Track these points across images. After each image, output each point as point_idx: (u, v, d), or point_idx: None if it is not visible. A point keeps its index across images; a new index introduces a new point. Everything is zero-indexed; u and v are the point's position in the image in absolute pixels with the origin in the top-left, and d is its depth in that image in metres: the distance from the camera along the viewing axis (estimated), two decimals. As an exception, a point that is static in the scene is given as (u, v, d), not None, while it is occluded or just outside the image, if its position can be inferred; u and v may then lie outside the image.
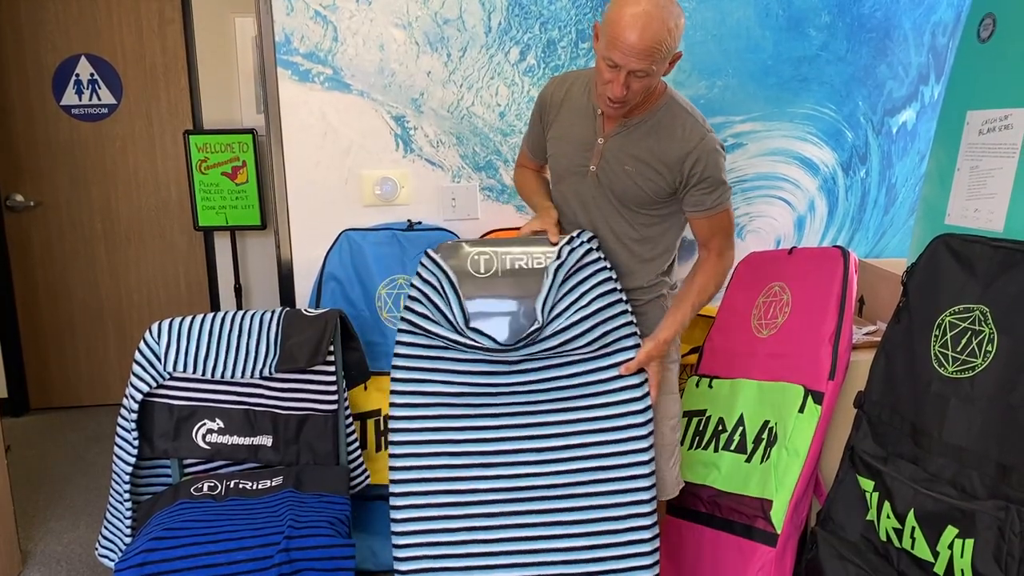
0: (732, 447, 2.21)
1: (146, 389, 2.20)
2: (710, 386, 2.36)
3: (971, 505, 1.64)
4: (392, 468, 1.90)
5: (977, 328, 1.73)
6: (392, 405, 1.92)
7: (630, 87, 1.76)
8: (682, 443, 2.35)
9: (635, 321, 1.92)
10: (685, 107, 1.93)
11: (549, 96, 2.04)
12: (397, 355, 1.93)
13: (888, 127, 2.82)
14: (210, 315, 2.27)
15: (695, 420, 2.36)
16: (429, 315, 1.90)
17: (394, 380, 1.92)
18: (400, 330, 1.94)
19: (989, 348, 1.69)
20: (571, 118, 1.99)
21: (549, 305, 1.86)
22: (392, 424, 1.91)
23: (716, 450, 2.25)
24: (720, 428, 2.27)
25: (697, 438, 2.32)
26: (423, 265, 1.94)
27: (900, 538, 1.79)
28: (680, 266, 2.82)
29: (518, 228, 2.15)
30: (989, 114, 1.91)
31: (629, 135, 1.91)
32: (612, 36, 1.72)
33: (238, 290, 3.97)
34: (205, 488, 2.14)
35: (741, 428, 2.22)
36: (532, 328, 1.85)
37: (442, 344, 1.90)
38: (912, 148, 2.86)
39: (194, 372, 2.21)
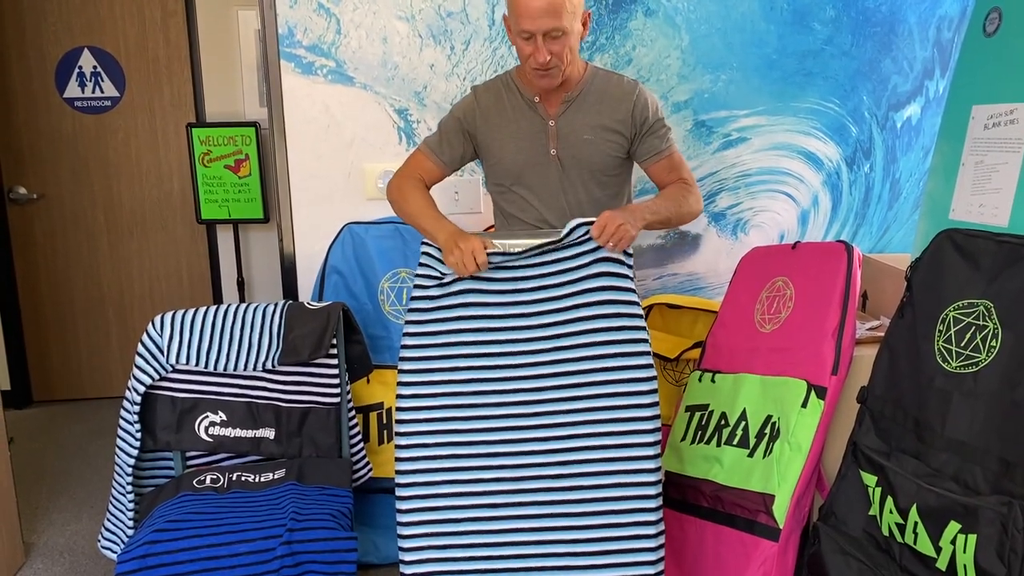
0: (734, 442, 2.21)
1: (149, 382, 2.20)
2: (713, 380, 2.35)
3: (974, 500, 1.63)
4: (399, 459, 1.90)
5: (981, 323, 1.72)
6: (399, 396, 1.92)
7: (552, 51, 1.88)
8: (684, 437, 2.35)
9: (639, 310, 1.92)
10: (611, 71, 2.13)
11: (474, 106, 2.10)
12: (405, 347, 1.93)
13: (892, 122, 2.81)
14: (213, 308, 2.27)
15: (697, 415, 2.35)
16: (434, 287, 1.93)
17: (401, 372, 1.92)
18: (407, 321, 1.94)
19: (993, 343, 1.68)
20: (510, 118, 2.06)
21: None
22: (398, 416, 1.91)
23: (718, 444, 2.24)
24: (722, 423, 2.27)
25: (699, 432, 2.32)
26: (426, 254, 1.96)
27: (902, 533, 1.79)
28: (677, 262, 2.84)
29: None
30: (994, 109, 1.91)
31: (575, 108, 2.03)
32: (516, 8, 1.87)
33: (241, 283, 3.97)
34: (208, 480, 2.14)
35: (744, 423, 2.21)
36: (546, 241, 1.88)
37: (449, 334, 1.90)
38: (916, 143, 2.85)
39: (197, 365, 2.21)
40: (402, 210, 2.07)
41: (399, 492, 1.90)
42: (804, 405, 2.08)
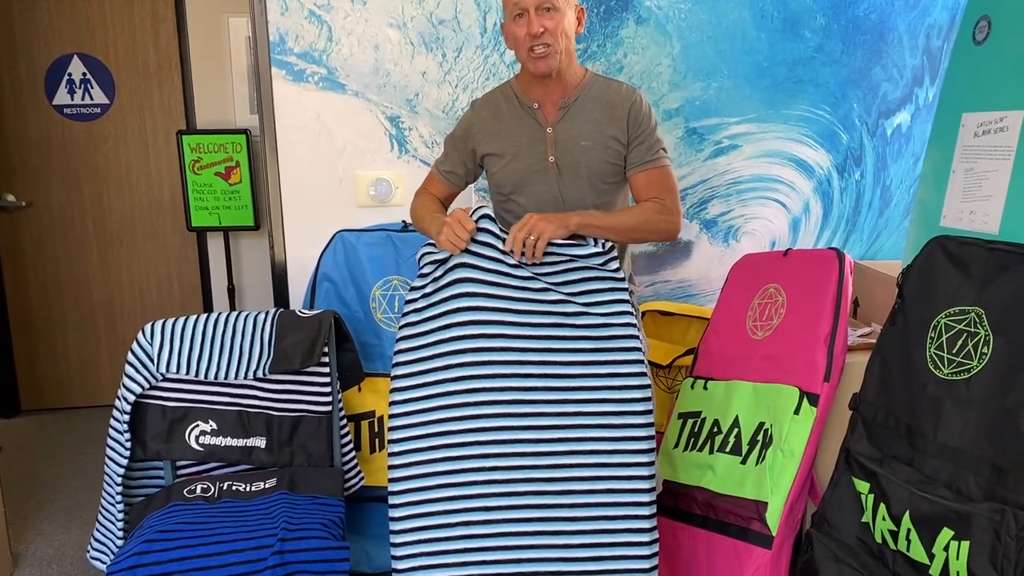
0: (727, 449, 2.21)
1: (139, 391, 2.18)
2: (705, 388, 2.35)
3: (967, 507, 1.63)
4: (392, 467, 1.89)
5: (973, 330, 1.72)
6: (392, 403, 1.91)
7: (544, 25, 1.90)
8: (677, 445, 2.35)
9: (637, 322, 1.92)
10: (611, 78, 2.13)
11: (475, 119, 2.12)
12: (398, 353, 1.92)
13: (883, 129, 2.83)
14: (203, 316, 2.26)
15: (690, 422, 2.35)
16: (430, 286, 1.92)
17: (394, 378, 1.92)
18: (401, 326, 1.93)
19: (984, 350, 1.69)
20: (510, 126, 2.07)
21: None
22: (391, 423, 1.91)
23: (711, 452, 2.24)
24: (715, 430, 2.26)
25: (692, 440, 2.32)
26: (422, 257, 1.96)
27: (895, 540, 1.79)
28: (669, 269, 2.84)
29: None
30: (984, 116, 1.91)
31: (573, 115, 2.03)
32: None
33: (231, 291, 3.95)
34: (198, 490, 2.12)
35: (736, 430, 2.21)
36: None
37: (442, 343, 1.89)
38: (907, 150, 2.86)
39: (187, 373, 2.19)
40: (415, 224, 2.15)
41: (392, 500, 1.89)
42: (797, 412, 2.08)
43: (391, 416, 1.91)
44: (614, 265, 1.91)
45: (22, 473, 3.31)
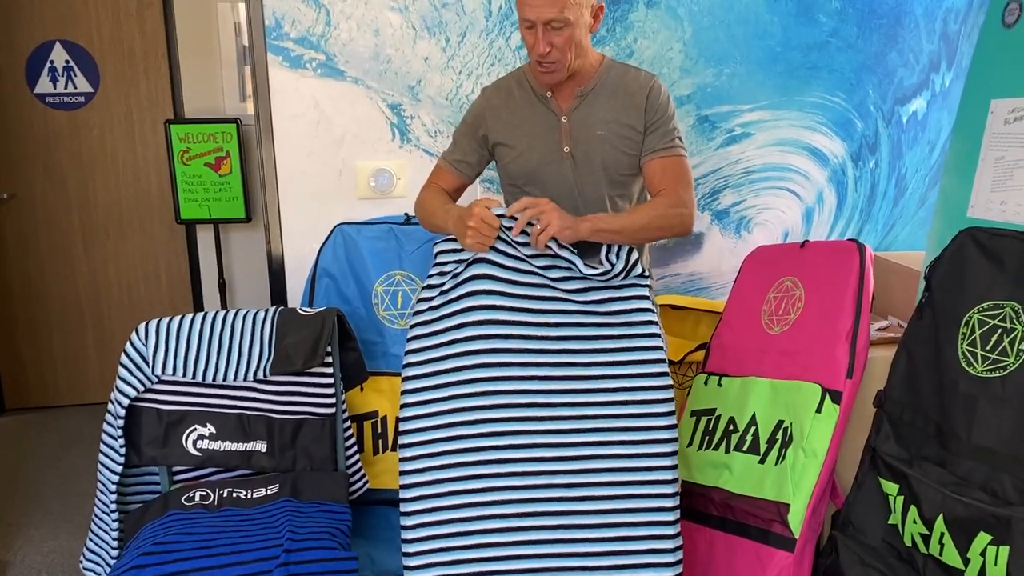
0: (744, 448, 2.15)
1: (133, 394, 2.09)
2: (719, 384, 2.29)
3: (1005, 511, 1.58)
4: (403, 472, 1.82)
5: (1009, 326, 1.67)
6: (404, 406, 1.84)
7: (553, 42, 1.82)
8: (691, 443, 2.28)
9: (657, 319, 1.86)
10: (628, 64, 2.04)
11: (486, 106, 2.04)
12: (409, 352, 1.86)
13: (898, 116, 2.77)
14: (200, 315, 2.17)
15: (704, 419, 2.28)
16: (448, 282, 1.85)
17: (405, 379, 1.85)
18: (413, 325, 1.87)
19: (1022, 346, 1.63)
20: (523, 115, 2.00)
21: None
22: (403, 426, 1.84)
23: (727, 451, 2.18)
24: (731, 428, 2.20)
25: (707, 438, 2.25)
26: (437, 255, 1.89)
27: (927, 544, 1.73)
28: (680, 262, 2.78)
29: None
30: (1016, 103, 1.85)
31: (588, 103, 1.96)
32: None
33: (222, 285, 3.87)
34: (197, 497, 2.04)
35: (754, 428, 2.15)
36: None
37: (456, 343, 1.82)
38: (922, 137, 2.80)
39: (184, 375, 2.11)
40: (423, 221, 2.05)
41: (404, 507, 1.82)
42: (819, 410, 2.02)
43: (402, 419, 1.84)
44: (637, 270, 1.86)
45: (7, 476, 3.21)
